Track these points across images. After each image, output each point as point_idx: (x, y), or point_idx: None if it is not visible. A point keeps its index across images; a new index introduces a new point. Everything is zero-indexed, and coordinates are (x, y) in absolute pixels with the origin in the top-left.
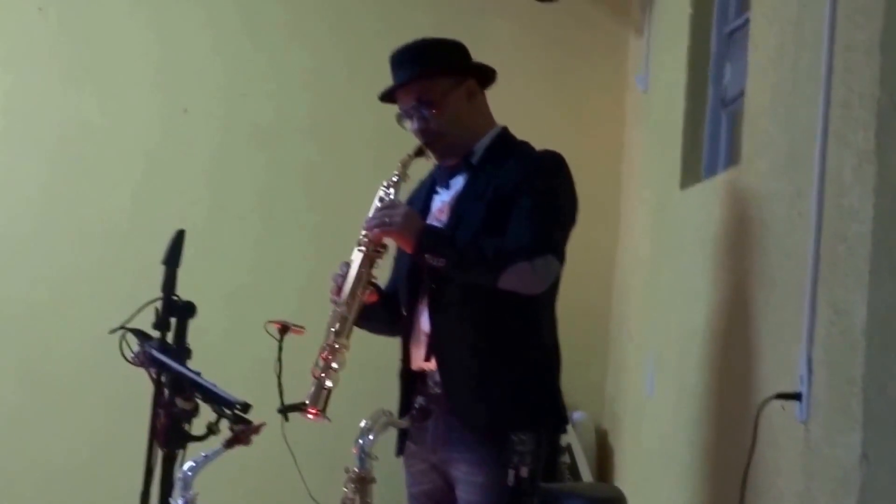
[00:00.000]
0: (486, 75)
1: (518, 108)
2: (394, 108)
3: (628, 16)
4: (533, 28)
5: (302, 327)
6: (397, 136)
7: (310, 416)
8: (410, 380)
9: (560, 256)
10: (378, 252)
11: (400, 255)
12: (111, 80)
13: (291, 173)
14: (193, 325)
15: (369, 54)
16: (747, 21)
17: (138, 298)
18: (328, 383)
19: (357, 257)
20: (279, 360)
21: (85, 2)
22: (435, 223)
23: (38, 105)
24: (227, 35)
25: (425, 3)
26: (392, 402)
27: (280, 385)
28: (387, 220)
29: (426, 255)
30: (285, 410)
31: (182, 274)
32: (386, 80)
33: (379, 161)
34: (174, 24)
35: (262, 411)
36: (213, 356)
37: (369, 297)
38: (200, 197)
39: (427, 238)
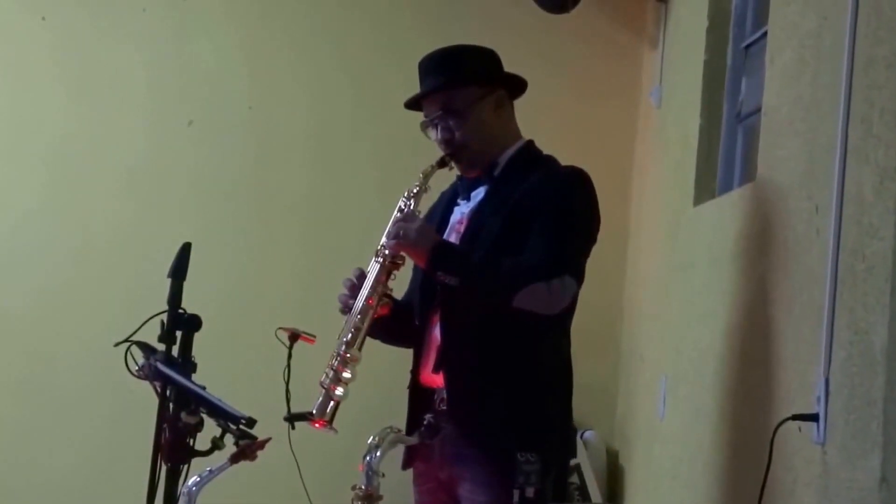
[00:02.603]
0: (516, 85)
1: (527, 122)
2: (399, 123)
3: (642, 29)
4: (544, 41)
5: (313, 336)
6: (401, 150)
7: (316, 426)
8: (419, 395)
9: (578, 276)
10: (395, 264)
11: (416, 265)
12: (114, 91)
13: (295, 187)
14: (195, 338)
15: (375, 70)
16: (765, 35)
17: (143, 311)
18: (338, 393)
19: (374, 268)
20: (288, 367)
21: (89, 11)
22: (453, 235)
23: (41, 115)
24: (233, 47)
25: (433, 15)
26: (401, 417)
27: (288, 393)
28: (401, 232)
29: (438, 273)
30: (292, 419)
31: (186, 286)
32: (392, 93)
33: (383, 174)
34: (180, 36)
35: (265, 425)
36: (213, 369)
37: (383, 309)
38: (205, 209)
39: (439, 254)
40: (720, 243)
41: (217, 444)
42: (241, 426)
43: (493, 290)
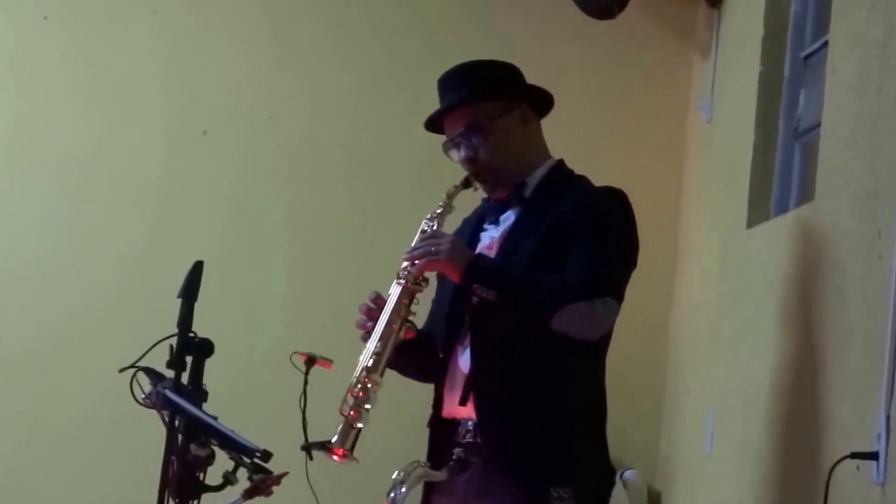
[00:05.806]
0: (541, 100)
1: (569, 136)
2: (435, 135)
3: (693, 36)
4: (586, 49)
5: (330, 360)
6: (436, 162)
7: (335, 457)
8: (440, 428)
9: (620, 301)
10: (418, 286)
11: (440, 293)
12: (122, 97)
13: (320, 203)
14: (209, 363)
15: (409, 77)
16: (826, 44)
17: (151, 334)
18: (359, 424)
19: (395, 290)
20: (304, 393)
21: (95, 11)
22: None
23: (44, 123)
24: (252, 50)
25: (470, 21)
26: (425, 451)
27: (304, 421)
28: (432, 249)
29: (475, 286)
30: (309, 448)
31: (198, 308)
32: (427, 104)
33: (416, 188)
34: (194, 38)
35: (282, 459)
36: (226, 398)
37: (407, 333)
38: (219, 226)
39: (477, 267)
40: (774, 268)
41: (229, 479)
42: (256, 459)
43: (534, 306)
